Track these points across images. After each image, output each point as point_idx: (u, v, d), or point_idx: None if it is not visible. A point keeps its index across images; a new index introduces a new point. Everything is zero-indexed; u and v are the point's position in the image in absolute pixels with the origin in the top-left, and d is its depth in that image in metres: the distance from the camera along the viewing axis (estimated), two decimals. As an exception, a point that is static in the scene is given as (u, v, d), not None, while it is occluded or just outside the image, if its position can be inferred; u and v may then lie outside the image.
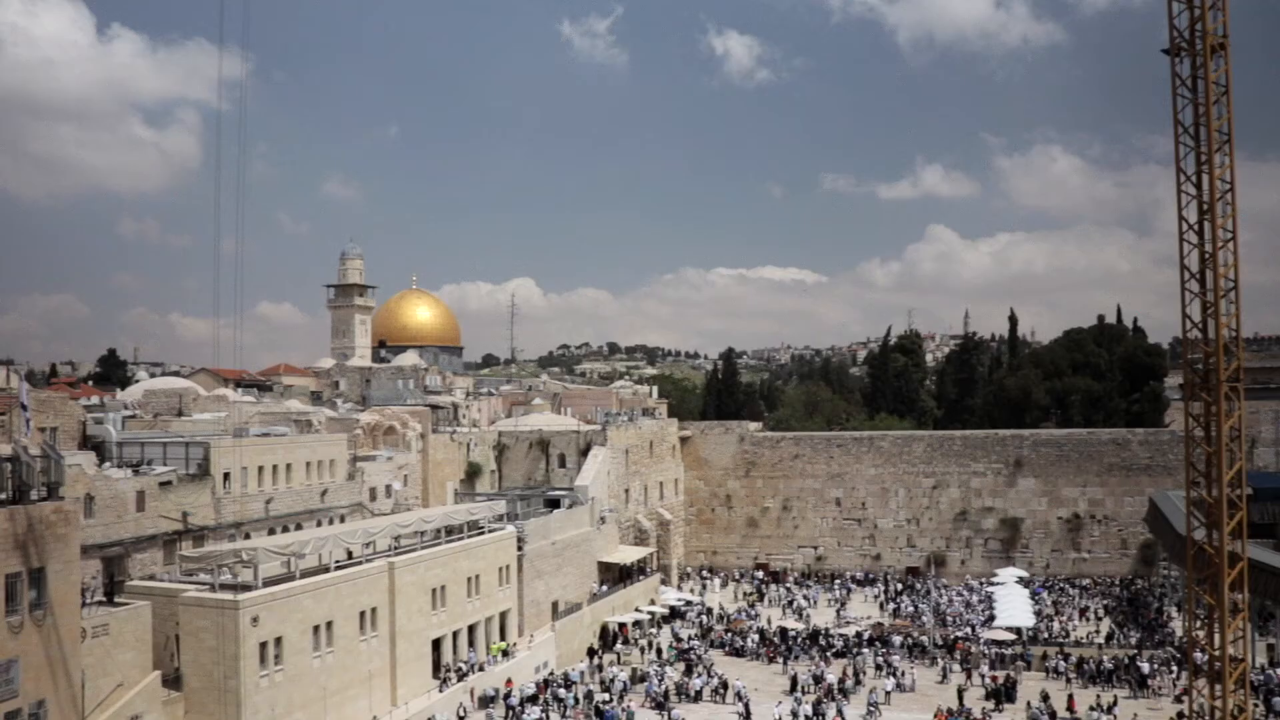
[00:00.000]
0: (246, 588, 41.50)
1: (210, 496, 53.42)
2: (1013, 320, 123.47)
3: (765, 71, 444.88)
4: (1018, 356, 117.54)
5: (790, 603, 77.77)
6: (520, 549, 59.60)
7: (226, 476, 54.56)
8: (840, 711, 49.20)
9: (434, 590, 51.60)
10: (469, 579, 54.56)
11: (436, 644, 51.86)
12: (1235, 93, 31.08)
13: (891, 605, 76.73)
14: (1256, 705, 48.06)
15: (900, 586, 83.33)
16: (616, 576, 71.03)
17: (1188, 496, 32.14)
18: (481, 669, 52.71)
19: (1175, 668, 55.19)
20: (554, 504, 68.83)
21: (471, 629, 54.80)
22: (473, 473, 78.10)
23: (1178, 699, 50.20)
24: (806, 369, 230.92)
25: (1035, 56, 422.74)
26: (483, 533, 57.67)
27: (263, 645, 40.67)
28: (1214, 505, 30.47)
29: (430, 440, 73.99)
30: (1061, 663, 57.73)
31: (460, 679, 51.01)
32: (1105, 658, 58.28)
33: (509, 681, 52.06)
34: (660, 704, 51.45)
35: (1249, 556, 32.20)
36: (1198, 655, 35.22)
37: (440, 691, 49.81)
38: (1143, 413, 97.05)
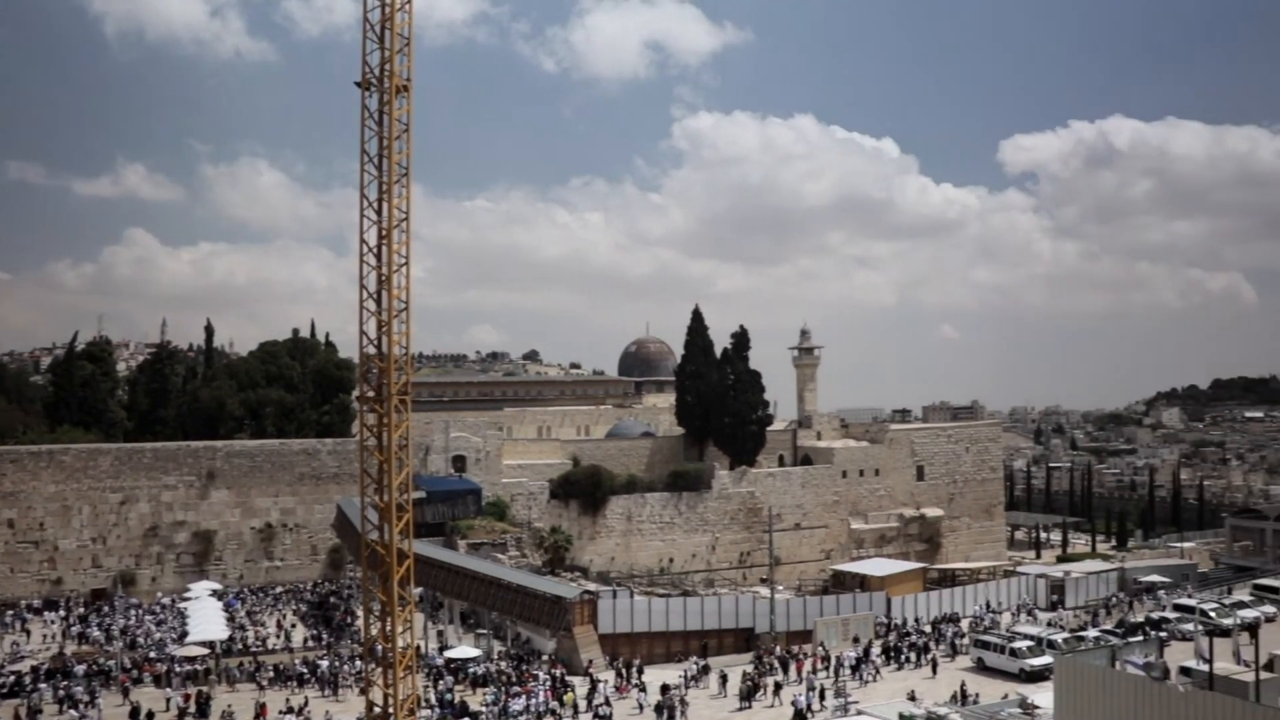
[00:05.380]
0: None
1: None
2: (209, 331, 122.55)
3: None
4: (213, 367, 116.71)
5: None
6: None
7: None
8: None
9: None
10: None
11: None
12: (420, 133, 33.94)
13: (76, 631, 71.83)
14: (427, 687, 52.83)
15: (85, 611, 78.23)
16: None
17: (362, 501, 34.45)
18: None
19: (360, 662, 58.46)
20: None
21: None
22: None
23: (362, 691, 53.15)
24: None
25: (248, 71, 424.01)
26: None
27: None
28: (386, 508, 33.02)
29: None
30: (255, 671, 58.31)
31: None
32: (297, 661, 60.03)
33: None
34: None
35: (417, 553, 35.41)
36: (376, 648, 37.71)
37: None
38: (332, 423, 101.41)
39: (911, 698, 46.93)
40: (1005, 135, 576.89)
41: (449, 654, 60.01)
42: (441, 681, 55.00)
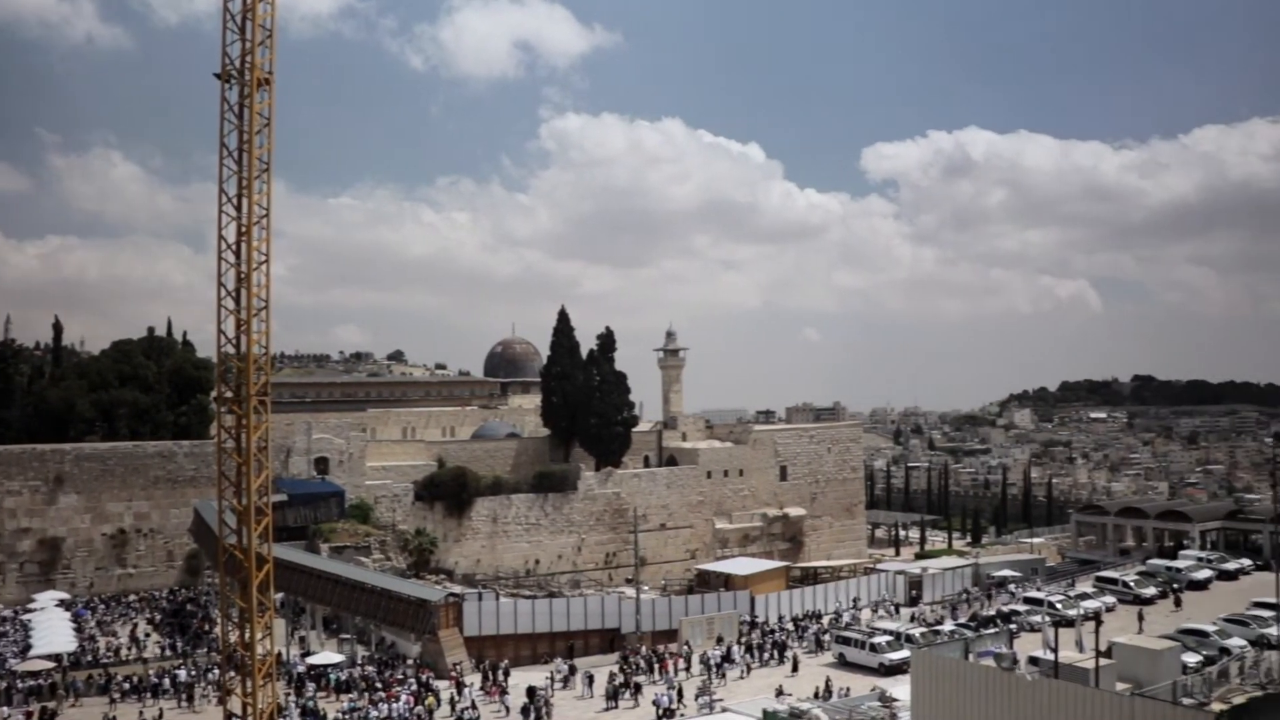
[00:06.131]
0: None
1: None
2: (57, 328, 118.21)
3: None
4: (63, 367, 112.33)
5: None
6: None
7: None
8: None
9: None
10: None
11: None
12: (283, 128, 33.27)
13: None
14: (288, 694, 51.68)
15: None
16: None
17: (220, 505, 33.62)
18: None
19: (218, 671, 56.83)
20: None
21: None
22: None
23: (220, 701, 51.70)
24: None
25: (100, 58, 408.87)
26: None
27: None
28: (245, 512, 32.26)
29: None
30: (107, 684, 56.17)
31: None
32: (151, 672, 58.08)
33: None
34: None
35: (277, 558, 34.69)
36: (235, 656, 36.87)
37: None
38: (190, 425, 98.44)
39: (780, 693, 47.76)
40: (867, 143, 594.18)
41: (311, 660, 58.86)
42: (306, 689, 53.93)
